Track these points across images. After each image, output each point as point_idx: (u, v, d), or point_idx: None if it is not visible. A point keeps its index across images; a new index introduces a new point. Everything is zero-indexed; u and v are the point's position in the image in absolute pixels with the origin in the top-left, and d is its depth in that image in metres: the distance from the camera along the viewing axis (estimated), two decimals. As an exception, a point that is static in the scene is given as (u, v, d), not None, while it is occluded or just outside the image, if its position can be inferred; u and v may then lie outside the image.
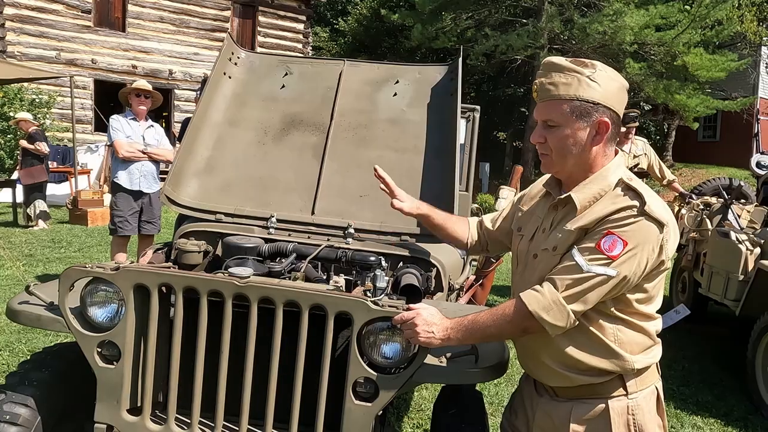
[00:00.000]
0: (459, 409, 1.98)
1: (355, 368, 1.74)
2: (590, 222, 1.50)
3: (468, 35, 19.39)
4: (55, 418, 2.03)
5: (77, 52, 15.80)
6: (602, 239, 1.45)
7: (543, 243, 1.60)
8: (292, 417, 1.79)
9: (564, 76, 1.50)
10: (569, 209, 1.56)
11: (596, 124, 1.50)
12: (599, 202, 1.52)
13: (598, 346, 1.53)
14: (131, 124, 5.49)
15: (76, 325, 1.84)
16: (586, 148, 1.53)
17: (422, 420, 3.51)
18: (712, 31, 18.41)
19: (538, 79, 1.55)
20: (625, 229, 1.45)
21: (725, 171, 17.81)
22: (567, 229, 1.53)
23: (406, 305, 1.71)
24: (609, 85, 1.50)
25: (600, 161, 1.56)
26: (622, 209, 1.46)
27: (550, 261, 1.55)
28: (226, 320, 1.79)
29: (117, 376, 1.83)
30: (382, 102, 2.98)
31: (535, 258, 1.61)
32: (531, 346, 1.63)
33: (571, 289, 1.47)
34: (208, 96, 2.94)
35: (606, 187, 1.53)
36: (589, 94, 1.48)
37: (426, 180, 2.73)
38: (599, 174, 1.55)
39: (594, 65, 1.51)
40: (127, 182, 5.39)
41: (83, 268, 1.83)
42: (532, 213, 1.72)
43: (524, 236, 1.70)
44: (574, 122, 1.50)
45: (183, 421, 1.87)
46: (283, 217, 2.63)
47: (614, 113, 1.52)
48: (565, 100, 1.50)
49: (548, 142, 1.55)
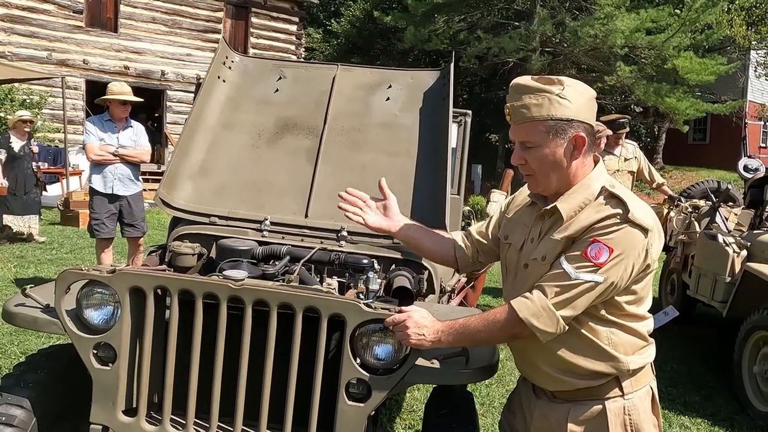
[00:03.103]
0: (450, 410, 2.02)
1: (348, 369, 1.77)
2: (576, 231, 1.53)
3: (460, 37, 19.47)
4: (51, 419, 2.05)
5: (69, 53, 15.74)
6: (588, 247, 1.49)
7: (533, 253, 1.62)
8: (286, 417, 1.82)
9: (534, 97, 1.53)
10: (556, 219, 1.59)
11: (573, 140, 1.54)
12: (584, 210, 1.55)
13: (592, 350, 1.57)
14: (106, 126, 5.39)
15: (72, 327, 1.86)
16: (566, 164, 1.56)
17: (414, 421, 3.55)
18: (701, 35, 18.61)
19: (510, 103, 1.57)
20: (611, 237, 1.49)
21: (715, 173, 17.99)
22: (554, 239, 1.57)
23: (398, 307, 1.74)
24: (578, 99, 1.53)
25: (581, 172, 1.59)
26: (606, 217, 1.50)
27: (540, 270, 1.58)
28: (220, 322, 1.81)
29: (112, 378, 1.85)
30: (375, 106, 3.02)
31: (526, 268, 1.64)
32: (527, 351, 1.65)
33: (560, 296, 1.50)
34: (203, 99, 2.97)
35: (590, 196, 1.56)
36: (561, 112, 1.52)
37: (418, 183, 2.77)
38: (582, 184, 1.59)
39: (561, 81, 1.54)
40: (101, 185, 5.32)
41: (79, 271, 1.85)
42: (519, 222, 1.74)
43: (512, 245, 1.72)
44: (551, 140, 1.54)
45: (178, 422, 1.89)
46: (277, 220, 2.66)
47: (588, 125, 1.56)
48: (539, 120, 1.53)
49: (529, 162, 1.58)
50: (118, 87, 5.47)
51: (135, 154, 5.45)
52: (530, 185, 1.65)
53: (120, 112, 5.40)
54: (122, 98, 5.35)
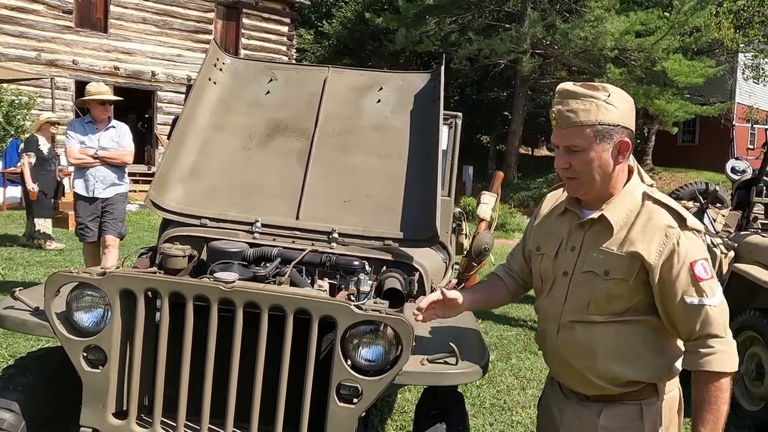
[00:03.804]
0: (440, 411, 2.03)
1: (339, 371, 1.78)
2: (643, 251, 1.55)
3: (452, 39, 19.54)
4: (40, 422, 2.04)
5: (58, 53, 15.64)
6: (694, 270, 1.53)
7: (581, 264, 1.63)
8: (277, 419, 1.83)
9: (581, 102, 1.56)
10: (602, 228, 1.62)
11: (617, 145, 1.57)
12: (637, 221, 1.59)
13: (644, 359, 1.60)
14: (87, 128, 5.30)
15: (62, 329, 1.86)
16: (610, 168, 1.59)
17: (405, 422, 3.56)
18: (690, 38, 18.79)
19: (556, 107, 1.60)
20: (695, 251, 1.54)
21: (704, 175, 18.14)
22: (615, 254, 1.58)
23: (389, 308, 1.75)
24: (623, 106, 1.58)
25: (620, 178, 1.63)
26: (671, 235, 1.55)
27: (602, 285, 1.59)
28: (211, 325, 1.82)
29: (103, 380, 1.85)
30: (366, 108, 3.02)
31: (565, 275, 1.66)
32: (570, 359, 1.67)
33: (725, 326, 1.56)
34: (194, 101, 2.96)
35: (635, 203, 1.61)
36: (608, 117, 1.55)
37: (409, 185, 2.77)
38: (626, 191, 1.63)
39: (606, 88, 1.58)
40: (83, 189, 5.25)
41: (69, 273, 1.84)
42: (550, 231, 1.74)
43: (545, 255, 1.73)
44: (598, 145, 1.56)
45: (168, 424, 1.89)
46: (268, 222, 2.66)
47: (630, 131, 1.60)
48: (587, 125, 1.55)
49: (574, 166, 1.60)
50: (95, 87, 5.35)
51: (116, 156, 5.32)
52: (571, 189, 1.67)
53: (100, 112, 5.30)
54: (100, 98, 5.25)
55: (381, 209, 2.71)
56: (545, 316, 1.74)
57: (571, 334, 1.64)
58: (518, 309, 6.50)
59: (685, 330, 1.56)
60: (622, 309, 1.59)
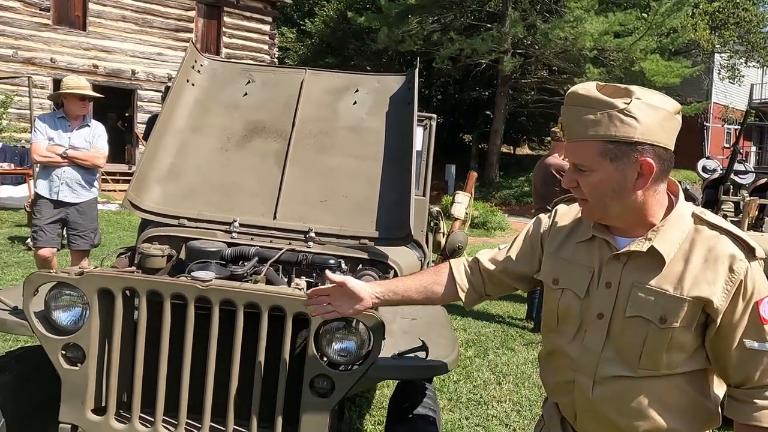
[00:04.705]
0: (412, 404, 2.10)
1: (313, 365, 1.85)
2: (710, 293, 1.28)
3: (434, 39, 19.66)
4: (20, 420, 2.07)
5: (35, 51, 15.45)
6: (760, 311, 1.29)
7: (619, 304, 1.34)
8: (252, 413, 1.89)
9: (591, 111, 1.26)
10: (648, 261, 1.32)
11: (638, 165, 1.25)
12: (694, 253, 1.30)
13: (702, 412, 1.38)
14: (59, 123, 4.68)
15: (41, 328, 1.90)
16: (629, 194, 1.28)
17: (383, 417, 3.62)
18: (667, 39, 19.12)
19: (563, 116, 1.33)
20: (762, 285, 1.30)
21: (681, 173, 18.47)
22: (673, 296, 1.29)
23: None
24: (650, 116, 1.24)
25: (652, 201, 1.32)
26: (738, 271, 1.28)
27: (659, 335, 1.30)
28: (188, 322, 1.87)
29: (81, 377, 1.89)
30: (342, 110, 3.09)
31: (601, 318, 1.36)
32: (614, 417, 1.38)
33: None
34: (171, 103, 3.00)
35: (685, 228, 1.32)
36: (623, 131, 1.24)
37: (384, 186, 2.84)
38: (675, 217, 1.33)
39: (629, 93, 1.26)
40: (46, 190, 4.59)
41: (47, 273, 1.89)
42: (574, 262, 1.43)
43: (569, 290, 1.42)
44: (607, 166, 1.26)
45: (147, 419, 1.94)
46: (246, 222, 2.71)
47: (661, 149, 1.26)
48: (594, 140, 1.26)
49: (581, 186, 1.32)
50: (74, 81, 4.79)
51: (86, 157, 4.67)
52: (584, 212, 1.39)
53: (77, 108, 4.73)
54: (79, 93, 4.70)
55: (357, 209, 2.78)
56: (573, 366, 1.42)
57: (616, 391, 1.36)
58: (497, 306, 6.60)
59: (739, 377, 1.32)
60: (681, 360, 1.33)
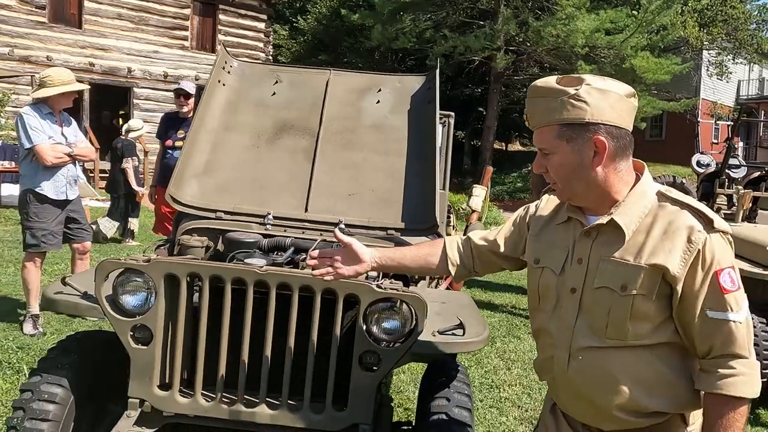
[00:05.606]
0: (447, 378, 2.29)
1: (361, 342, 2.03)
2: (666, 261, 1.35)
3: (427, 36, 19.82)
4: (84, 398, 2.24)
5: (31, 49, 15.44)
6: (720, 281, 1.35)
7: (589, 278, 1.44)
8: (306, 388, 2.07)
9: (546, 100, 1.41)
10: (612, 235, 1.42)
11: (592, 144, 1.39)
12: (655, 226, 1.39)
13: (675, 389, 1.41)
14: (48, 120, 4.39)
15: (111, 311, 2.07)
16: (589, 172, 1.41)
17: (402, 400, 3.82)
18: (657, 36, 19.41)
19: (526, 107, 1.49)
20: (720, 256, 1.36)
21: (671, 169, 18.80)
22: (632, 264, 1.38)
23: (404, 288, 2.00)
24: (598, 99, 1.38)
25: (615, 179, 1.43)
26: (696, 240, 1.35)
27: (621, 303, 1.38)
28: (248, 304, 2.04)
29: (149, 356, 2.06)
30: (366, 109, 3.26)
31: (573, 293, 1.46)
32: (586, 391, 1.45)
33: (749, 345, 1.36)
34: (205, 103, 3.17)
35: (649, 205, 1.42)
36: (575, 114, 1.38)
37: (408, 180, 3.03)
38: (636, 192, 1.44)
39: (581, 81, 1.39)
40: (53, 191, 4.38)
41: (117, 261, 2.06)
42: (552, 242, 1.55)
43: (547, 269, 1.53)
44: (564, 147, 1.41)
45: (208, 395, 2.12)
46: (279, 214, 2.89)
47: (612, 127, 1.40)
48: (551, 125, 1.42)
49: (549, 170, 1.47)
50: (66, 75, 4.44)
51: (87, 153, 4.67)
52: (557, 194, 1.54)
53: (65, 102, 4.50)
54: (74, 88, 4.46)
55: (383, 202, 2.97)
56: (551, 341, 1.51)
57: (588, 363, 1.43)
58: (501, 296, 6.82)
59: (704, 347, 1.37)
60: (646, 331, 1.39)
